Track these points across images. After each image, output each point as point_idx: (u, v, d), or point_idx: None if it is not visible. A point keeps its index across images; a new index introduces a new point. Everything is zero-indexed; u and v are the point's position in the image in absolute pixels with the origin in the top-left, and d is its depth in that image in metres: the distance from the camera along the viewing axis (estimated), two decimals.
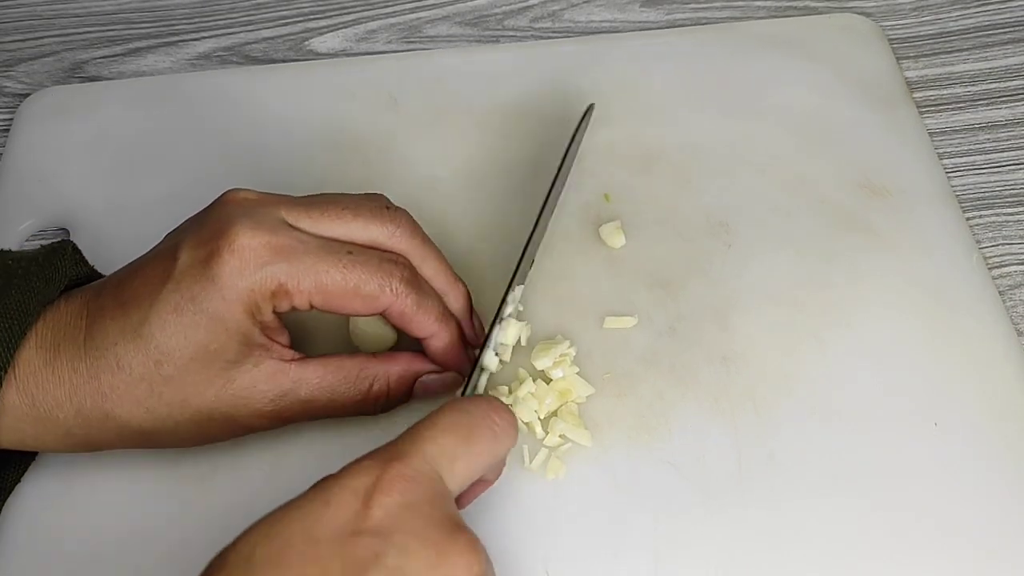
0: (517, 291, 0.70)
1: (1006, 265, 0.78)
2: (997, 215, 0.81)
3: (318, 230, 0.64)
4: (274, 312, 0.63)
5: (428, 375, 0.68)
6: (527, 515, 0.65)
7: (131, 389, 0.61)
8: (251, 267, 0.61)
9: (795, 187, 0.80)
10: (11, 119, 0.90)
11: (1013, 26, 0.93)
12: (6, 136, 0.89)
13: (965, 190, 0.82)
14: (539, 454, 0.67)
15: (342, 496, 0.51)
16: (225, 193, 0.65)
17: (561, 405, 0.69)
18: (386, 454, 0.53)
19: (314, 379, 0.64)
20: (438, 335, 0.67)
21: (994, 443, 0.68)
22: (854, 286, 0.75)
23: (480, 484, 0.61)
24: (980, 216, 0.81)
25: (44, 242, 0.71)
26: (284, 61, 0.95)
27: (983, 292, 0.75)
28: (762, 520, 0.65)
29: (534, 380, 0.69)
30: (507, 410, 0.59)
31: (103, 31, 0.98)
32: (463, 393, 0.64)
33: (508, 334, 0.70)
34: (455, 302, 0.69)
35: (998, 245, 0.79)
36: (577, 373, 0.70)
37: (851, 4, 0.95)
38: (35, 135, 0.88)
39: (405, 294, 0.64)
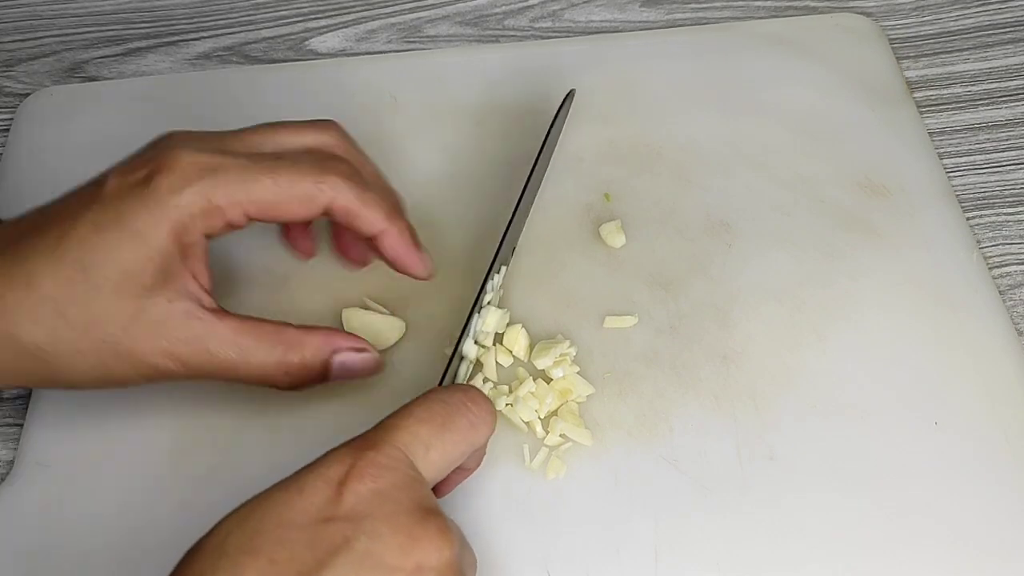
0: (496, 279, 0.70)
1: (1006, 265, 0.78)
2: (997, 215, 0.81)
3: (249, 148, 0.64)
4: (206, 236, 0.62)
5: (348, 352, 0.66)
6: (528, 515, 0.65)
7: (36, 306, 0.60)
8: (179, 184, 0.60)
9: (795, 186, 0.80)
10: (11, 119, 0.90)
11: (1013, 26, 0.93)
12: (6, 136, 0.89)
13: (965, 190, 0.82)
14: (539, 453, 0.67)
15: (315, 484, 0.51)
16: (163, 134, 0.65)
17: (561, 404, 0.69)
18: (361, 443, 0.54)
19: (227, 333, 0.63)
20: (389, 232, 0.66)
21: (993, 440, 0.68)
22: (854, 284, 0.75)
23: (460, 472, 0.61)
24: (980, 216, 0.81)
25: None
26: (284, 61, 0.95)
27: (983, 290, 0.75)
28: (763, 517, 0.65)
29: (534, 380, 0.69)
30: (484, 399, 0.59)
31: (103, 31, 0.98)
32: (441, 382, 0.64)
33: (488, 322, 0.70)
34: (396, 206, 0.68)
35: (998, 245, 0.79)
36: (577, 372, 0.70)
37: (851, 4, 0.95)
38: (35, 135, 0.88)
39: (346, 188, 0.64)
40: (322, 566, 0.48)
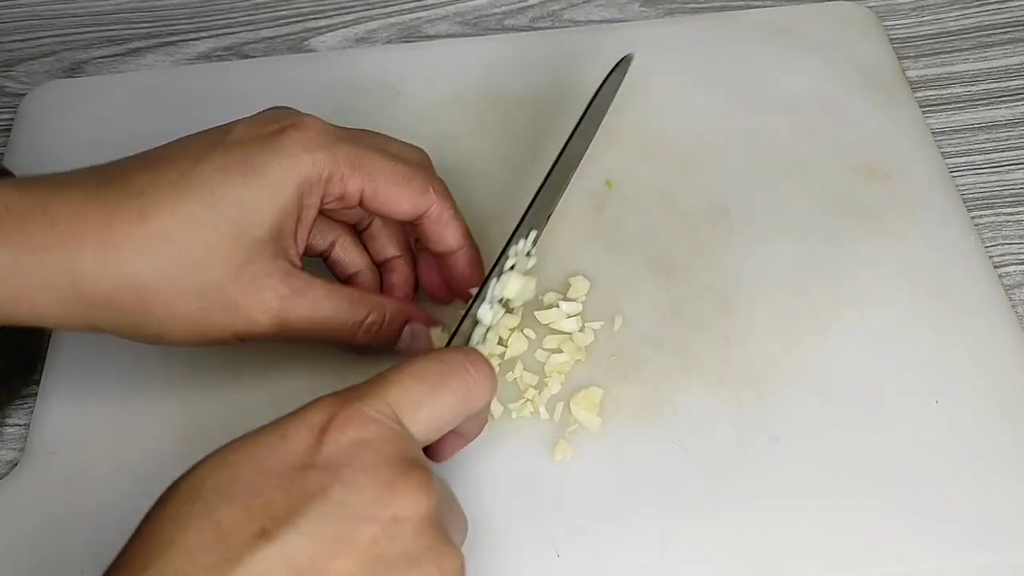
0: (522, 244, 0.68)
1: (1006, 265, 0.78)
2: (997, 215, 0.81)
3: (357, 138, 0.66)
4: (322, 202, 0.63)
5: (419, 323, 0.69)
6: (536, 496, 0.65)
7: (148, 240, 0.59)
8: (313, 143, 0.62)
9: (795, 172, 0.81)
10: (11, 119, 0.90)
11: (1013, 26, 0.93)
12: (6, 136, 0.89)
13: (965, 190, 0.82)
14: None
15: (297, 430, 0.51)
16: (275, 107, 0.66)
17: (581, 392, 0.69)
18: (348, 393, 0.53)
19: (322, 292, 0.64)
20: (467, 249, 0.69)
21: (994, 419, 0.68)
22: (853, 268, 0.75)
23: (456, 438, 0.60)
24: (980, 216, 0.81)
25: None
26: None
27: (980, 272, 0.75)
28: (766, 498, 0.65)
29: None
30: (485, 363, 0.57)
31: (103, 31, 0.98)
32: (449, 342, 0.63)
33: (509, 287, 0.67)
34: None
35: (998, 245, 0.79)
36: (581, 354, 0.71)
37: (851, 3, 0.95)
38: (38, 129, 0.88)
39: (447, 196, 0.67)
40: (296, 513, 0.47)
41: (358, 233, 0.72)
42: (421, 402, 0.54)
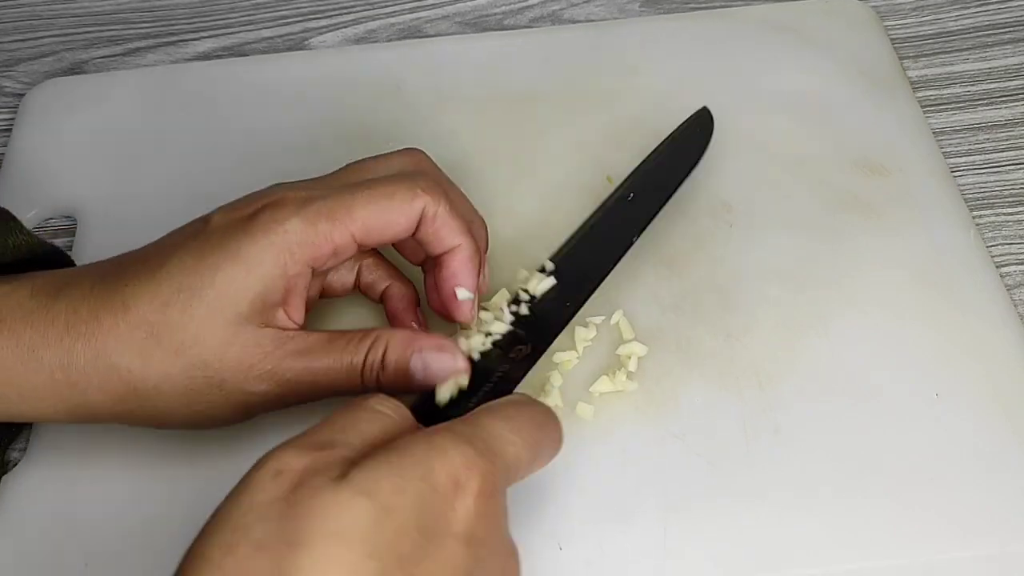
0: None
1: (1006, 265, 0.78)
2: (997, 215, 0.81)
3: (345, 183, 0.65)
4: (313, 268, 0.62)
5: (429, 351, 0.63)
6: (539, 489, 0.65)
7: (130, 329, 0.60)
8: (287, 214, 0.61)
9: (795, 168, 0.81)
10: (11, 119, 0.90)
11: (1013, 26, 0.93)
12: (6, 136, 0.89)
13: (965, 190, 0.82)
14: None
15: (437, 480, 0.49)
16: (269, 186, 0.66)
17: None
18: (476, 445, 0.52)
19: (319, 342, 0.63)
20: (464, 247, 0.65)
21: (994, 414, 0.68)
22: (854, 262, 0.75)
23: None
24: (980, 216, 0.81)
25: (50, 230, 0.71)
26: None
27: (980, 266, 0.76)
28: (767, 491, 0.65)
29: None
30: (560, 425, 0.58)
31: (103, 31, 0.98)
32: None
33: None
34: (478, 230, 0.69)
35: (998, 245, 0.79)
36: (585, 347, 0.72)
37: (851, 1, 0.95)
38: (38, 129, 0.88)
39: (438, 194, 0.64)
40: None
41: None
42: (520, 466, 0.55)
